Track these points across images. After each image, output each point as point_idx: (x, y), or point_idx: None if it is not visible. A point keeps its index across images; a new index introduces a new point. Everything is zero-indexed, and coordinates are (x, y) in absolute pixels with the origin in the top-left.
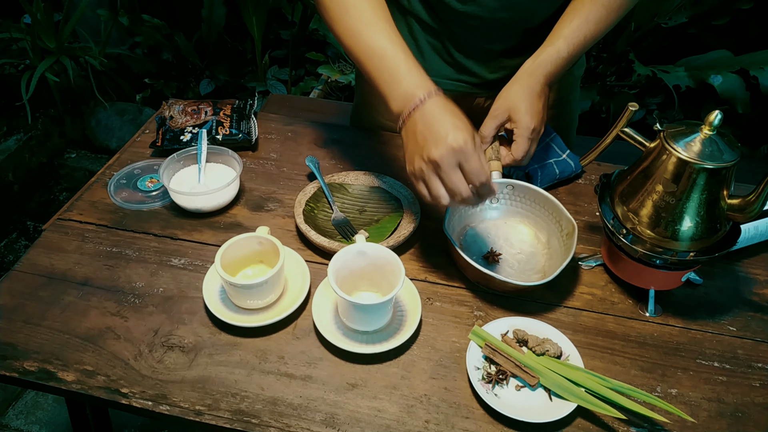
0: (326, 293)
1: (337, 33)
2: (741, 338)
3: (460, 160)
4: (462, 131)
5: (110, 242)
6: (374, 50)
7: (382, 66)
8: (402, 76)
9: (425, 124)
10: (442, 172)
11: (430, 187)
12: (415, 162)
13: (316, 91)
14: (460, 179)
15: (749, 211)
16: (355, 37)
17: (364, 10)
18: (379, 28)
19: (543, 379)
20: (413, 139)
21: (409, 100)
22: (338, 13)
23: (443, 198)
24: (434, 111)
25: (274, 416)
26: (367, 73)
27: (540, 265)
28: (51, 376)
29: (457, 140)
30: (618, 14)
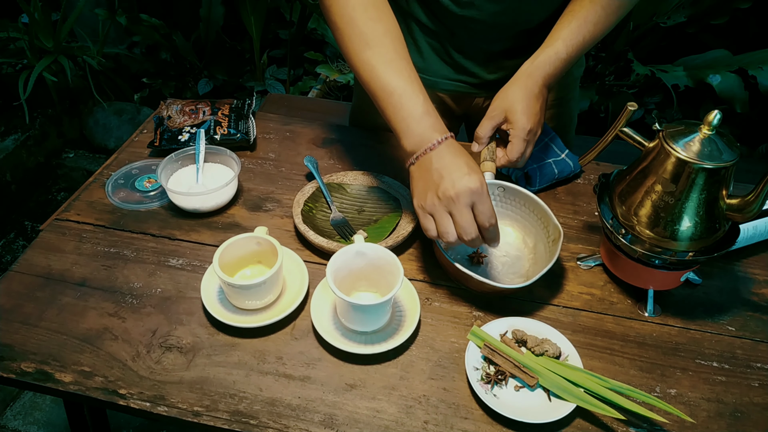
0: (325, 294)
1: (355, 65)
2: (740, 338)
3: (475, 200)
4: (478, 174)
5: (108, 242)
6: (393, 89)
7: (399, 105)
8: (420, 118)
9: (441, 164)
10: (456, 209)
11: (439, 222)
12: (428, 197)
13: (315, 90)
14: (471, 219)
15: (748, 210)
16: (373, 72)
17: (386, 46)
18: (398, 66)
19: (542, 380)
20: (427, 175)
21: (425, 141)
22: (358, 46)
23: (450, 235)
24: (450, 152)
25: (272, 417)
26: (382, 108)
27: (524, 270)
28: (48, 377)
29: (473, 181)
30: (617, 16)
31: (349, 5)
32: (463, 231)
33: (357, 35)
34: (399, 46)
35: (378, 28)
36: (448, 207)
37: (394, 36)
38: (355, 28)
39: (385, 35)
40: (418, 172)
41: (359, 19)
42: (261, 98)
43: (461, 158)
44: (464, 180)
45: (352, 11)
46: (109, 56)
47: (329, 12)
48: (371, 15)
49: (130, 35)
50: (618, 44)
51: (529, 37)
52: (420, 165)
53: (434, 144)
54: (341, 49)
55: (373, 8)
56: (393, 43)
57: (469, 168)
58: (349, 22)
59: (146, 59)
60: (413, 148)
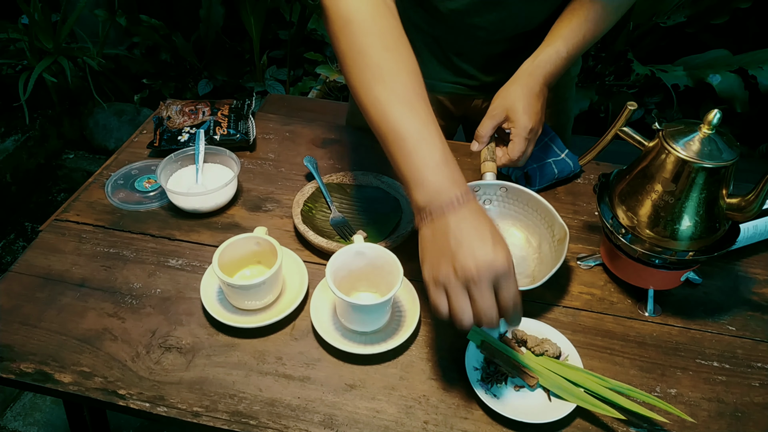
0: (324, 294)
1: (364, 102)
2: (740, 338)
3: (499, 279)
4: (505, 247)
5: (107, 243)
6: (407, 132)
7: (413, 151)
8: (436, 168)
9: (461, 229)
10: (476, 288)
11: (454, 301)
12: (442, 268)
13: (315, 91)
14: (493, 301)
15: (748, 210)
16: (384, 111)
17: (401, 81)
18: (414, 107)
19: (542, 380)
20: (442, 240)
21: (442, 196)
22: (370, 80)
23: (466, 318)
24: (472, 215)
25: (272, 417)
26: (392, 153)
27: (529, 270)
28: (48, 377)
29: (499, 257)
30: (617, 14)
31: (362, 32)
32: (483, 314)
33: (369, 67)
34: (416, 83)
35: (393, 60)
36: (466, 284)
37: (411, 70)
38: (367, 58)
39: (401, 69)
40: (432, 234)
41: (373, 49)
42: (261, 99)
43: (484, 224)
44: (489, 254)
45: (365, 38)
46: (109, 57)
47: (337, 39)
48: (387, 44)
49: (130, 36)
50: (618, 44)
51: (528, 39)
52: (434, 225)
53: (453, 202)
54: (349, 81)
55: (390, 36)
56: (409, 78)
57: (494, 239)
58: (360, 52)
59: (146, 60)
60: (427, 202)
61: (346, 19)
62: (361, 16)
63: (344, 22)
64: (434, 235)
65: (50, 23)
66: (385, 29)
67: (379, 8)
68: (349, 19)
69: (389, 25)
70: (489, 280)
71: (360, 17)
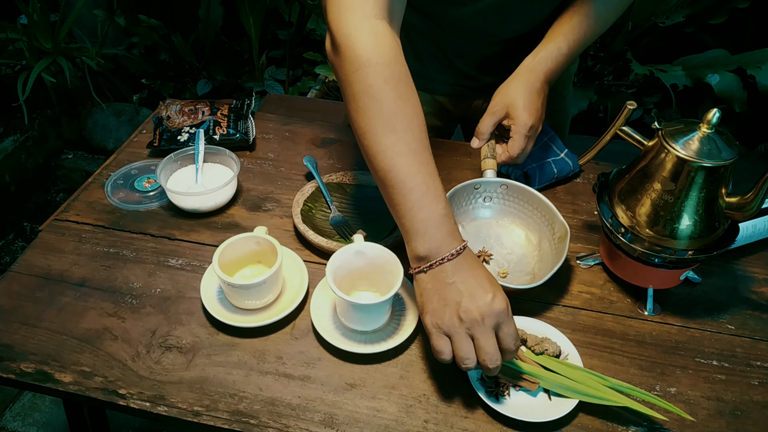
0: (324, 293)
1: (372, 149)
2: (739, 336)
3: (500, 322)
4: (502, 292)
5: (107, 243)
6: (415, 185)
7: (420, 204)
8: (440, 222)
9: (461, 278)
10: (480, 332)
11: (458, 345)
12: (446, 315)
13: (314, 91)
14: (495, 344)
15: (747, 209)
16: (394, 161)
17: (412, 132)
18: (423, 159)
19: (543, 382)
20: (443, 289)
21: (443, 248)
22: (382, 128)
23: (471, 361)
24: (469, 267)
25: (272, 417)
26: (396, 203)
27: (530, 267)
28: (48, 377)
29: (500, 303)
30: (617, 11)
31: (380, 77)
32: (488, 357)
33: (382, 115)
34: (424, 134)
35: (406, 110)
36: (471, 329)
37: (421, 121)
38: (381, 105)
39: (413, 119)
40: (432, 284)
41: (389, 96)
42: (260, 98)
43: (481, 272)
44: (489, 300)
45: (383, 85)
46: (108, 57)
47: (348, 81)
48: (402, 92)
49: (129, 36)
50: (617, 44)
51: (529, 40)
52: (434, 276)
53: (453, 253)
54: (356, 125)
55: (404, 84)
56: (420, 129)
57: (492, 285)
58: (375, 98)
59: (145, 60)
60: (428, 253)
61: (363, 61)
62: (378, 59)
63: (360, 63)
64: (435, 285)
65: (49, 23)
66: (399, 76)
67: (394, 51)
68: (366, 62)
69: (403, 71)
70: (492, 325)
71: (376, 60)
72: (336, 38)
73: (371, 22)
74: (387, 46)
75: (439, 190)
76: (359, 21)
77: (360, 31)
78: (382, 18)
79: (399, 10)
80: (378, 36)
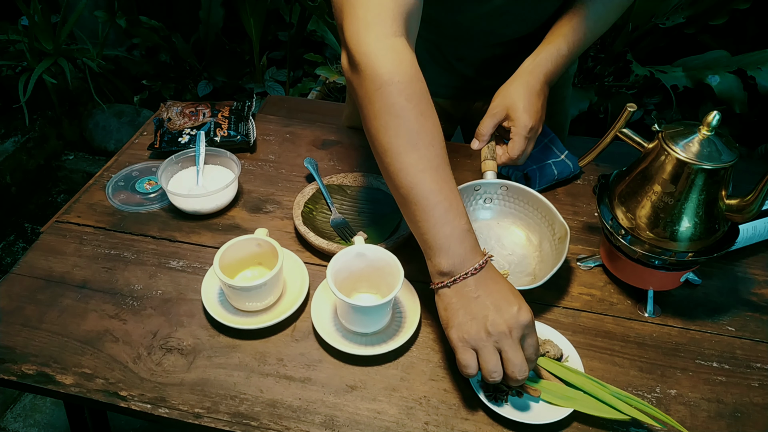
0: (325, 295)
1: (393, 167)
2: (740, 338)
3: (525, 334)
4: (526, 304)
5: (108, 245)
6: (438, 201)
7: (443, 221)
8: (463, 238)
9: (486, 292)
10: (508, 345)
11: (486, 359)
12: (473, 329)
13: (314, 92)
14: (522, 355)
15: (747, 211)
16: (416, 178)
17: (434, 148)
18: (444, 176)
19: (544, 394)
20: (469, 304)
21: (467, 262)
22: (405, 145)
23: (498, 374)
24: (492, 281)
25: (273, 418)
26: (418, 219)
27: (530, 268)
28: (49, 379)
29: (525, 315)
30: (617, 12)
31: (403, 95)
32: (516, 369)
33: (405, 133)
34: (444, 150)
35: (428, 127)
36: (498, 343)
37: (441, 137)
38: (404, 123)
39: (434, 136)
40: (457, 298)
41: (411, 114)
42: (261, 100)
43: (504, 285)
44: (515, 312)
45: (406, 102)
46: (109, 58)
47: (370, 99)
48: (423, 109)
49: (130, 37)
50: (617, 45)
51: (529, 42)
52: (458, 290)
53: (477, 267)
54: (378, 143)
55: (425, 102)
56: (440, 145)
57: (517, 297)
58: (397, 116)
59: (146, 61)
60: (451, 269)
61: (386, 80)
62: (400, 78)
63: (383, 82)
64: (460, 300)
65: (50, 24)
66: (421, 93)
67: (414, 68)
68: (389, 80)
69: (423, 89)
70: (518, 336)
71: (399, 78)
72: (355, 57)
73: (391, 41)
74: (408, 64)
75: (460, 206)
76: (379, 39)
77: (380, 49)
78: (400, 35)
79: (415, 27)
80: (398, 54)
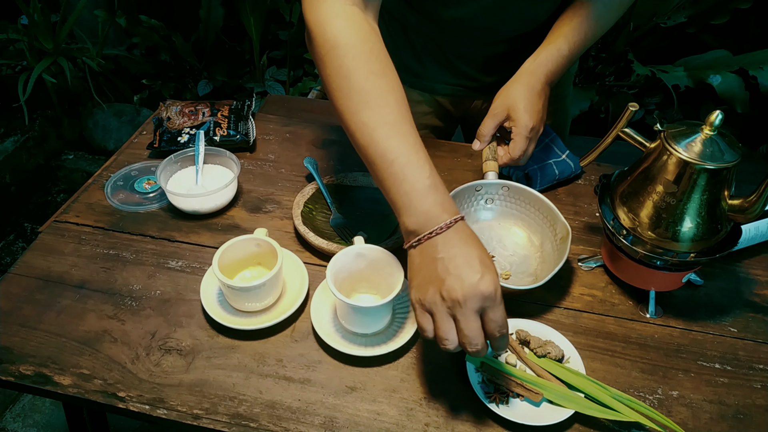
0: (325, 295)
1: (350, 127)
2: (742, 339)
3: (486, 306)
4: (493, 274)
5: (107, 244)
6: (395, 157)
7: (402, 176)
8: (425, 193)
9: (449, 254)
10: (462, 314)
11: (439, 325)
12: (428, 292)
13: (315, 91)
14: (478, 327)
15: (750, 211)
16: (372, 136)
17: (389, 106)
18: (402, 131)
19: (546, 393)
20: (430, 265)
21: (431, 221)
22: (356, 104)
23: (451, 342)
24: (461, 240)
25: (272, 420)
26: (380, 179)
27: (532, 269)
28: (47, 380)
29: (487, 285)
30: (618, 12)
31: (349, 55)
32: (467, 341)
33: (356, 92)
34: (403, 107)
35: (381, 85)
36: (452, 310)
37: (398, 95)
38: (353, 83)
39: (388, 93)
40: (420, 259)
41: (359, 73)
42: (260, 99)
43: (474, 250)
44: (475, 281)
45: (352, 62)
46: (109, 58)
47: (323, 63)
48: (374, 68)
49: (130, 36)
50: (618, 45)
51: (529, 40)
52: (422, 250)
53: (443, 227)
54: (334, 106)
55: (376, 61)
56: (397, 102)
57: (483, 265)
58: (346, 76)
59: (146, 60)
60: (416, 227)
61: (333, 43)
62: (347, 39)
63: (330, 46)
64: (422, 260)
65: (50, 24)
66: (371, 53)
67: (365, 31)
68: (335, 43)
69: (375, 48)
70: (474, 308)
71: (345, 41)
72: (309, 26)
73: (343, 8)
74: (357, 27)
75: (422, 161)
76: (330, 7)
77: (331, 16)
78: (353, 4)
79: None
80: (347, 19)
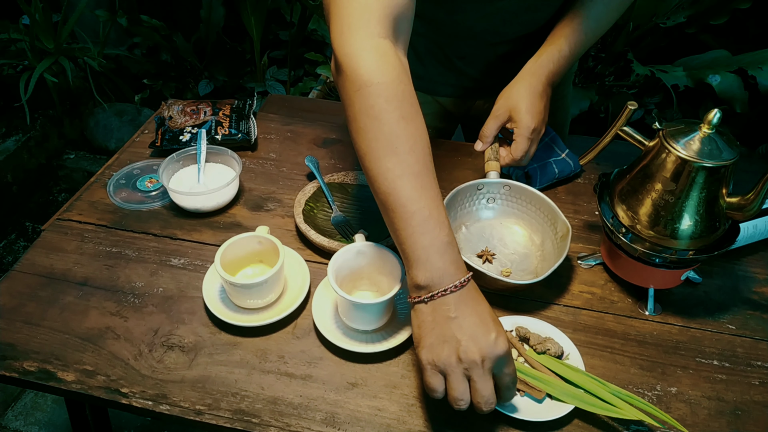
0: (326, 292)
1: (373, 172)
2: (740, 336)
3: (501, 363)
4: (504, 334)
5: (110, 242)
6: (417, 210)
7: (422, 230)
8: (443, 251)
9: (462, 314)
10: (478, 375)
11: (455, 386)
12: (443, 353)
13: (315, 91)
14: (491, 387)
15: (748, 209)
16: (395, 184)
17: (415, 154)
18: (425, 183)
19: (548, 389)
20: (443, 324)
21: (447, 278)
22: (383, 150)
23: (465, 402)
24: (473, 301)
25: (274, 416)
26: (397, 228)
27: (533, 267)
28: (51, 376)
29: (502, 344)
30: (618, 12)
31: (382, 96)
32: (483, 401)
33: (384, 136)
34: (428, 157)
35: (410, 131)
36: (469, 371)
37: (425, 143)
38: (384, 126)
39: (416, 140)
40: (432, 317)
41: (391, 116)
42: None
43: (484, 308)
44: (492, 341)
45: (385, 104)
46: (110, 57)
47: (350, 101)
48: (405, 112)
49: (131, 36)
50: (618, 45)
51: (530, 40)
52: (435, 308)
53: (457, 285)
54: (357, 146)
55: (408, 104)
56: (423, 151)
57: (495, 324)
58: (376, 117)
59: (147, 60)
60: (429, 283)
61: (365, 81)
62: (380, 78)
63: (362, 83)
64: (435, 318)
65: (51, 23)
66: (403, 95)
67: (398, 70)
68: (367, 82)
69: (407, 91)
70: (491, 366)
71: (379, 80)
72: (338, 58)
73: (375, 42)
74: (390, 66)
75: (442, 216)
76: (362, 41)
77: (363, 50)
78: (386, 37)
79: (405, 29)
80: (381, 55)
